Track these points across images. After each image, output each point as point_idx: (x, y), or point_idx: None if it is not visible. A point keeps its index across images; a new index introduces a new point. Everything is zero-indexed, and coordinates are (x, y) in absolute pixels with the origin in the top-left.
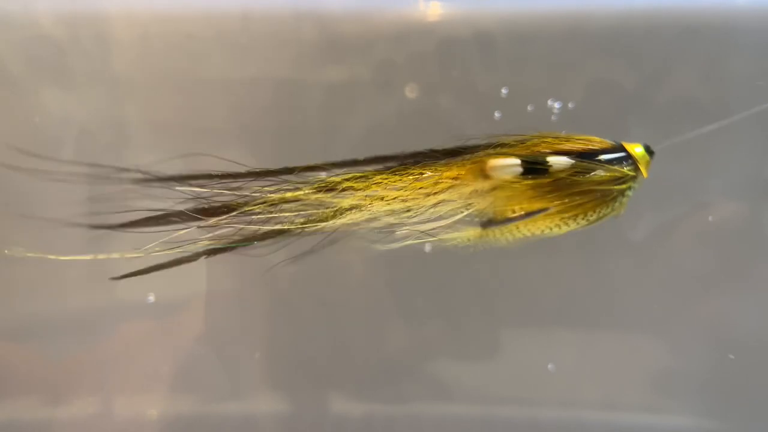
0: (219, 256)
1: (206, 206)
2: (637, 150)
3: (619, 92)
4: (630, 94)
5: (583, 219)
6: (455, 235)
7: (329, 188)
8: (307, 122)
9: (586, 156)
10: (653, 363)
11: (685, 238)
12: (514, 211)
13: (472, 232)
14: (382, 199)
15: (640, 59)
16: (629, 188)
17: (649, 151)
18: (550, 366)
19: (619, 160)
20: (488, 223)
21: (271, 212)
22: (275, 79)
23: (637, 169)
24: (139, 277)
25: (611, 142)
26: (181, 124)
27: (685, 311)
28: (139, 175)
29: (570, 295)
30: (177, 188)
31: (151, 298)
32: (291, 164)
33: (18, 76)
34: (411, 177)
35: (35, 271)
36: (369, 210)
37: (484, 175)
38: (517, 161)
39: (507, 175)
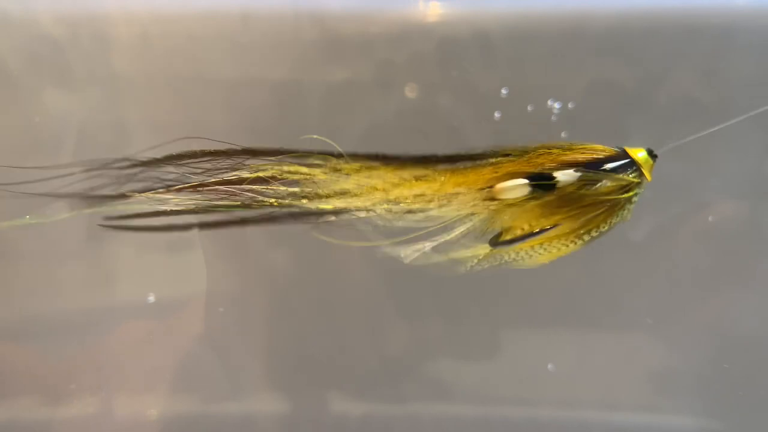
0: (219, 256)
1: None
2: (639, 155)
3: (619, 92)
4: (630, 94)
5: (595, 232)
6: (464, 253)
7: (334, 172)
8: (307, 122)
9: (591, 166)
10: (653, 363)
11: (685, 238)
12: (523, 229)
13: (481, 250)
14: (385, 197)
15: (640, 59)
16: (635, 195)
17: (652, 155)
18: (550, 366)
19: (623, 167)
20: (497, 242)
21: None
22: (275, 79)
23: (641, 174)
24: (139, 277)
25: (614, 149)
26: (181, 123)
27: (685, 311)
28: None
29: (570, 295)
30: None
31: (151, 298)
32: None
33: (18, 76)
34: (417, 183)
35: (35, 271)
36: (370, 207)
37: (492, 197)
38: (525, 181)
39: (516, 196)
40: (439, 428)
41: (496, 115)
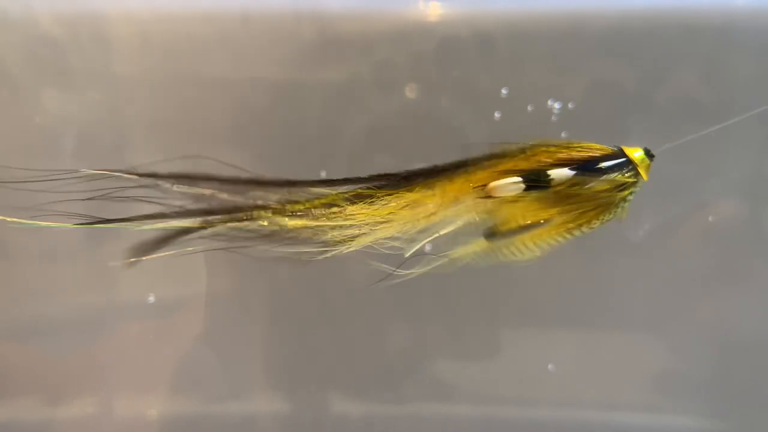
0: (219, 256)
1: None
2: (636, 154)
3: (619, 92)
4: (630, 95)
5: (586, 227)
6: (459, 249)
7: (330, 204)
8: (306, 122)
9: (587, 164)
10: (653, 363)
11: (685, 237)
12: (518, 223)
13: (476, 246)
14: (382, 215)
15: (640, 59)
16: (630, 194)
17: (649, 154)
18: (550, 366)
19: (619, 166)
20: (492, 236)
21: (272, 219)
22: (275, 79)
23: (637, 173)
24: (139, 277)
25: (611, 148)
26: (181, 123)
27: (685, 311)
28: (139, 175)
29: (570, 295)
30: (175, 188)
31: (151, 298)
32: (291, 165)
33: (18, 76)
34: (411, 192)
35: (36, 270)
36: (369, 226)
37: (487, 195)
38: (519, 179)
39: (510, 194)
40: (440, 428)
41: (496, 115)
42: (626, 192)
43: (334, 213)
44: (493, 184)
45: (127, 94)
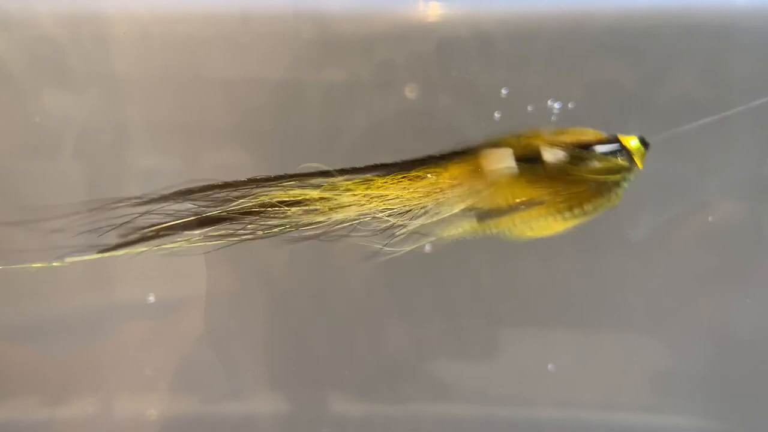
0: (219, 257)
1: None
2: (632, 142)
3: (619, 92)
4: (630, 94)
5: (579, 210)
6: (453, 229)
7: (329, 190)
8: (307, 122)
9: (581, 148)
10: (653, 363)
11: (685, 237)
12: (509, 203)
13: (468, 225)
14: (379, 198)
15: (640, 59)
16: (624, 179)
17: (644, 142)
18: (550, 366)
19: (614, 152)
20: (484, 215)
21: (270, 212)
22: (275, 79)
23: (632, 160)
24: (139, 277)
25: (606, 135)
26: (181, 124)
27: (684, 311)
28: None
29: (570, 295)
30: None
31: (151, 298)
32: (290, 165)
33: (18, 76)
34: (408, 179)
35: (35, 270)
36: (367, 210)
37: (479, 169)
38: (510, 150)
39: (500, 166)
40: (439, 428)
41: (496, 115)
42: (619, 176)
43: (331, 197)
44: (485, 154)
45: (127, 94)
